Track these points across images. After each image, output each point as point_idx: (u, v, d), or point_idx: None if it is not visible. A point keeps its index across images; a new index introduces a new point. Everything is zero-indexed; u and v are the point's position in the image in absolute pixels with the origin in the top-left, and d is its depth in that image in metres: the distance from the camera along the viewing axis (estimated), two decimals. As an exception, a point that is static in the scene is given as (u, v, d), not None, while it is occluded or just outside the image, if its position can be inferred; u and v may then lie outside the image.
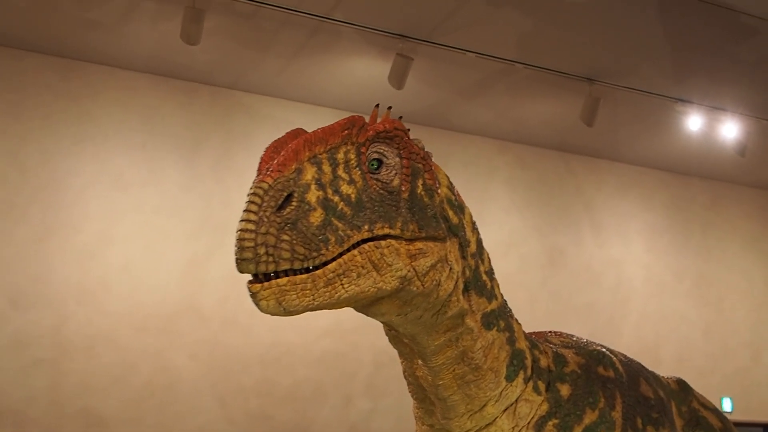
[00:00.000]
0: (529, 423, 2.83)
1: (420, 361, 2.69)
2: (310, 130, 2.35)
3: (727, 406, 10.78)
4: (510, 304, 9.61)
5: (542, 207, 10.45)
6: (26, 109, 8.09)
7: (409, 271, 2.31)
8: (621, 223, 10.94)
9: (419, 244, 2.36)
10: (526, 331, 3.46)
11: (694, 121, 9.22)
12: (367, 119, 2.39)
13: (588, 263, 10.55)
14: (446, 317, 2.55)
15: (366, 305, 2.42)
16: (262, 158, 2.26)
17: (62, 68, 8.30)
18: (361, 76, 8.67)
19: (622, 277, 10.74)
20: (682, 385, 3.64)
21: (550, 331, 3.40)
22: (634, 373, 3.25)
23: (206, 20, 7.32)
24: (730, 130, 9.38)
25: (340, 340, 8.57)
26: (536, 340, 3.13)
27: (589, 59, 8.37)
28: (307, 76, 8.67)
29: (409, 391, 2.86)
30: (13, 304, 7.65)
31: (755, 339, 11.41)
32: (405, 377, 2.83)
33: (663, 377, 3.61)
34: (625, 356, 3.40)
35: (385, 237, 2.29)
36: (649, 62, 8.40)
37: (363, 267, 2.23)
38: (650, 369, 9.99)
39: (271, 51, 8.22)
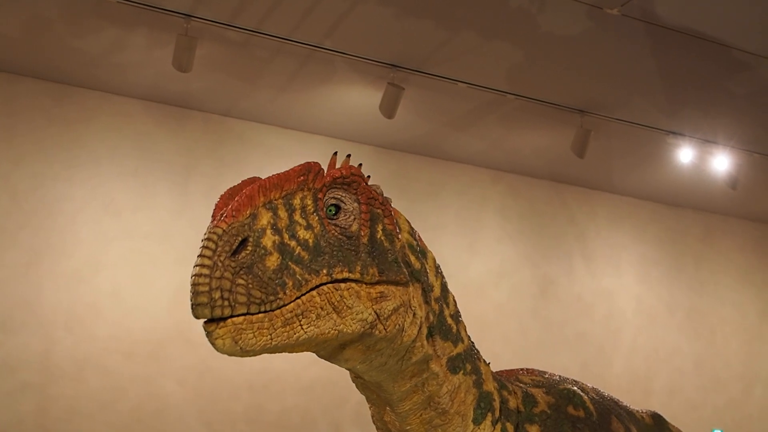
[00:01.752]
0: None
1: (388, 408, 2.69)
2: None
3: (718, 439, 10.75)
4: (501, 334, 9.66)
5: (534, 237, 10.46)
6: (19, 133, 8.11)
7: (370, 314, 2.29)
8: (613, 254, 10.94)
9: (380, 288, 2.34)
10: (506, 368, 3.45)
11: (685, 154, 9.23)
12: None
13: (579, 294, 10.54)
14: (411, 363, 2.55)
15: (330, 353, 2.39)
16: (216, 205, 2.25)
17: (56, 93, 8.33)
18: (352, 105, 8.70)
19: (614, 308, 10.72)
20: (656, 420, 3.62)
21: (521, 369, 3.39)
22: (605, 410, 3.23)
23: (199, 48, 7.35)
24: (722, 162, 9.39)
25: (329, 367, 8.49)
26: (506, 380, 3.11)
27: (581, 91, 8.40)
28: (299, 104, 8.70)
29: None
30: (2, 327, 7.64)
31: (747, 372, 11.38)
32: (374, 422, 2.81)
33: (638, 411, 3.59)
34: (597, 393, 3.39)
35: (344, 280, 2.26)
36: (640, 95, 8.43)
37: (322, 308, 2.20)
38: (640, 401, 9.96)
39: (264, 79, 8.25)
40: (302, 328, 2.16)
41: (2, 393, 7.50)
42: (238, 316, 2.07)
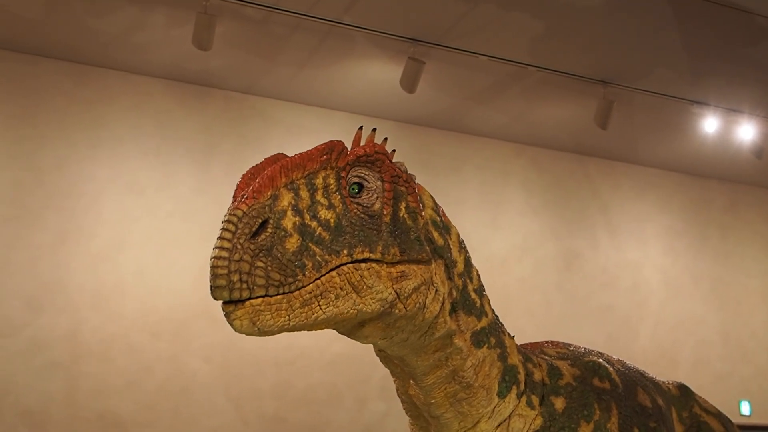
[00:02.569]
0: None
1: (412, 381, 2.69)
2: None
3: (745, 409, 10.70)
4: (525, 308, 9.65)
5: (558, 210, 10.42)
6: (41, 114, 8.15)
7: (390, 293, 2.27)
8: (638, 225, 10.89)
9: (401, 267, 2.32)
10: (531, 341, 3.45)
11: (710, 123, 9.18)
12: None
13: (604, 266, 10.51)
14: (434, 338, 2.54)
15: (349, 330, 2.38)
16: (238, 185, 2.24)
17: (77, 74, 8.36)
18: (372, 80, 8.68)
19: (639, 281, 10.68)
20: (683, 391, 3.61)
21: (546, 342, 3.38)
22: (631, 382, 3.22)
23: (218, 26, 7.36)
24: (747, 132, 9.33)
25: (353, 343, 8.50)
26: (531, 352, 3.10)
27: (603, 62, 8.34)
28: (319, 80, 8.70)
29: (404, 409, 2.85)
30: (29, 308, 7.71)
31: (774, 342, 11.34)
32: (398, 395, 2.81)
33: (664, 383, 3.58)
34: (623, 364, 3.38)
35: (365, 261, 2.24)
36: (663, 64, 8.36)
37: (342, 288, 2.19)
38: (666, 372, 9.94)
39: (283, 56, 8.24)
40: (321, 309, 2.15)
41: (31, 372, 7.58)
42: (257, 298, 2.07)
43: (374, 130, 2.45)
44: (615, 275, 10.54)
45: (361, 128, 2.47)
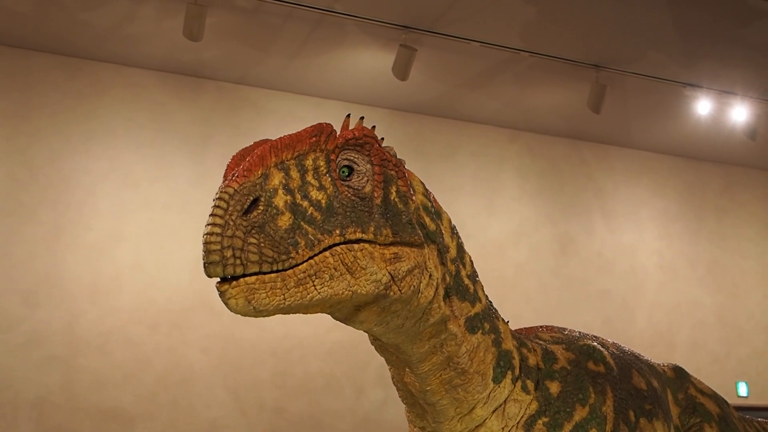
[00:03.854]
0: (518, 423, 2.82)
1: (407, 369, 2.69)
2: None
3: (742, 390, 10.75)
4: (522, 293, 9.67)
5: (553, 195, 10.44)
6: (34, 108, 8.15)
7: (384, 275, 2.28)
8: (633, 209, 10.91)
9: (394, 249, 2.33)
10: (526, 326, 3.46)
11: (703, 106, 9.18)
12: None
13: (600, 250, 10.54)
14: (428, 324, 2.54)
15: (345, 315, 2.38)
16: (228, 165, 2.24)
17: (69, 67, 8.35)
18: (365, 68, 8.68)
19: (635, 264, 10.71)
20: (678, 373, 3.62)
21: (541, 327, 3.38)
22: (626, 365, 3.23)
23: (209, 16, 7.35)
24: (741, 113, 9.34)
25: (350, 331, 8.54)
26: (525, 337, 3.10)
27: (595, 46, 8.34)
28: (312, 69, 8.69)
29: (400, 397, 2.85)
30: (27, 302, 7.72)
31: (770, 324, 11.39)
32: (394, 383, 2.81)
33: (659, 365, 3.59)
34: (617, 348, 3.38)
35: (358, 241, 2.24)
36: (655, 48, 8.37)
37: (335, 269, 2.18)
38: (663, 355, 9.96)
39: (275, 45, 8.24)
40: (316, 289, 2.15)
41: (30, 366, 7.60)
42: (251, 275, 2.06)
43: (362, 118, 2.44)
44: (611, 259, 10.56)
45: (348, 116, 2.46)
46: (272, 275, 2.09)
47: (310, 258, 2.15)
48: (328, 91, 9.14)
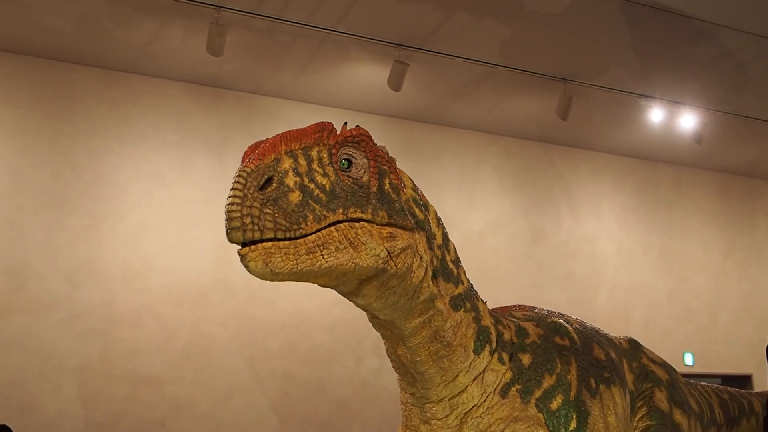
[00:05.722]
0: (495, 389, 2.85)
1: (400, 342, 2.72)
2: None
3: (689, 360, 10.80)
4: (499, 276, 9.65)
5: (526, 191, 10.45)
6: (75, 114, 8.14)
7: (382, 250, 2.30)
8: (595, 203, 10.93)
9: (389, 229, 2.36)
10: (502, 305, 3.48)
11: (656, 114, 9.19)
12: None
13: (566, 239, 10.56)
14: (419, 301, 2.57)
15: (350, 289, 2.42)
16: (245, 153, 2.27)
17: (105, 78, 8.33)
18: (364, 81, 8.68)
19: (597, 251, 10.74)
20: (632, 344, 3.65)
21: (514, 306, 3.41)
22: (588, 339, 3.26)
23: (229, 35, 7.35)
24: (689, 121, 9.35)
25: (351, 308, 8.57)
26: (500, 315, 3.14)
27: (563, 61, 8.35)
28: (318, 81, 8.69)
29: (393, 367, 2.89)
30: (69, 282, 7.73)
31: (713, 302, 11.41)
32: (388, 356, 2.85)
33: (616, 338, 3.62)
34: (581, 324, 3.41)
35: (358, 220, 2.28)
36: (616, 63, 8.38)
37: (340, 242, 2.21)
38: (621, 329, 9.97)
39: (286, 60, 8.23)
40: (323, 258, 2.16)
41: (71, 338, 7.61)
42: (267, 240, 2.08)
43: (357, 126, 2.47)
44: (576, 247, 10.59)
45: (345, 123, 2.49)
46: (286, 242, 2.11)
47: (318, 230, 2.17)
48: (331, 100, 9.13)
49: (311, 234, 2.15)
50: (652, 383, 3.49)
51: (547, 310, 3.39)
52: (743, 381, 10.90)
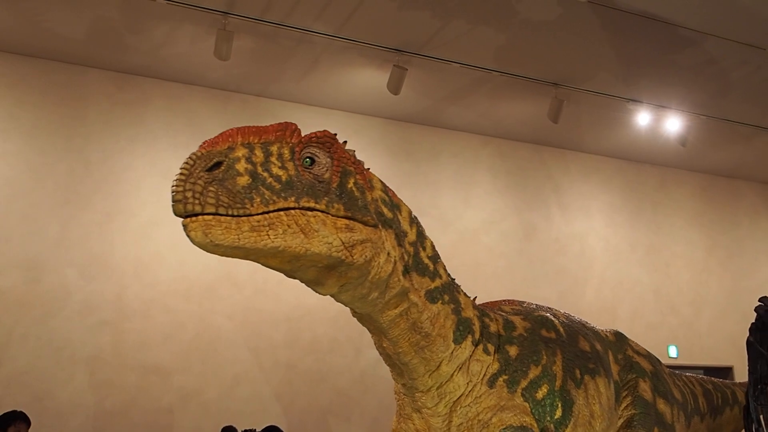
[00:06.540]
0: (482, 379, 2.87)
1: (383, 335, 2.75)
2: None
3: (673, 352, 10.81)
4: (493, 272, 9.61)
5: (518, 190, 10.45)
6: (89, 114, 8.14)
7: (335, 239, 2.27)
8: (584, 203, 10.93)
9: (346, 221, 2.33)
10: (495, 300, 3.49)
11: (643, 117, 9.22)
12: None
13: (557, 236, 10.57)
14: (391, 295, 2.59)
15: (309, 278, 2.40)
16: (200, 146, 2.24)
17: (118, 81, 8.34)
18: (364, 84, 8.68)
19: (585, 248, 10.74)
20: (618, 337, 3.66)
21: (504, 300, 3.43)
22: (574, 332, 3.28)
23: (235, 40, 7.35)
24: (674, 124, 9.38)
25: (351, 302, 8.59)
26: (490, 309, 3.15)
27: (554, 67, 8.36)
28: (320, 84, 8.69)
29: (383, 360, 2.92)
30: (82, 276, 7.73)
31: (697, 297, 11.42)
32: (376, 348, 2.88)
33: (602, 331, 3.63)
34: (568, 317, 3.42)
35: (311, 209, 2.25)
36: (604, 69, 8.39)
37: (289, 226, 2.18)
38: (608, 323, 9.96)
39: (290, 65, 8.24)
40: (269, 237, 2.14)
41: (84, 328, 7.61)
42: (208, 214, 2.07)
43: (345, 142, 2.49)
44: (565, 244, 10.59)
45: (335, 135, 2.50)
46: (227, 218, 2.09)
47: (265, 213, 2.15)
48: (333, 103, 9.13)
49: (257, 215, 2.14)
50: (637, 374, 3.50)
51: (536, 305, 3.40)
52: (725, 372, 10.90)
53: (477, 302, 3.17)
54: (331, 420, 8.50)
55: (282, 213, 2.19)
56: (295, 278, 2.44)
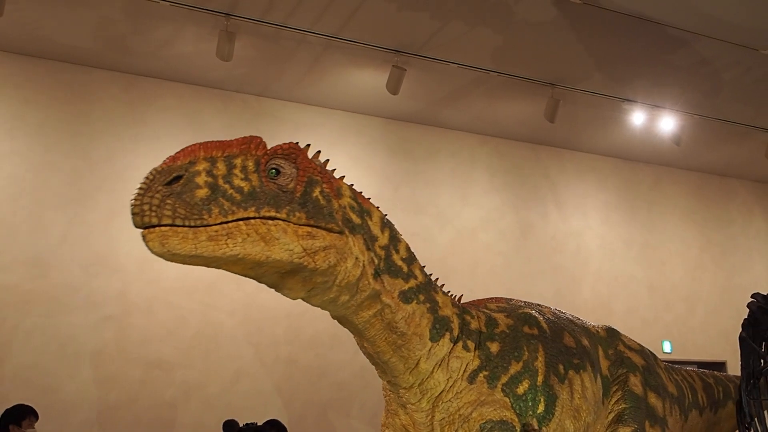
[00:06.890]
0: (462, 375, 2.88)
1: (361, 336, 2.78)
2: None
3: (667, 348, 10.80)
4: (490, 269, 9.64)
5: (516, 189, 10.45)
6: (93, 114, 8.14)
7: (297, 246, 2.29)
8: (580, 201, 10.93)
9: (308, 229, 2.35)
10: (496, 296, 3.49)
11: (638, 117, 9.22)
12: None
13: (553, 234, 10.56)
14: (363, 298, 2.61)
15: (273, 281, 2.43)
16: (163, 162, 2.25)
17: (122, 81, 8.34)
18: (364, 85, 8.68)
19: (581, 245, 10.74)
20: (610, 333, 3.65)
21: (491, 298, 3.43)
22: (559, 328, 3.27)
23: (237, 41, 7.35)
24: (668, 123, 9.37)
25: (350, 298, 8.58)
26: (472, 307, 3.16)
27: (551, 67, 8.36)
28: (320, 84, 8.69)
29: (368, 359, 2.96)
30: (87, 273, 7.74)
31: (690, 294, 11.42)
32: (360, 349, 2.92)
33: (593, 326, 3.62)
34: (555, 315, 3.42)
35: (272, 218, 2.27)
36: (600, 69, 8.38)
37: (248, 235, 2.20)
38: (603, 319, 9.96)
39: (291, 65, 8.24)
40: (228, 245, 2.16)
41: (89, 324, 7.62)
42: (165, 226, 2.09)
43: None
44: (562, 241, 10.59)
45: (308, 145, 2.52)
46: (184, 228, 2.11)
47: (224, 223, 2.17)
48: (333, 103, 9.13)
49: (215, 225, 2.15)
50: (627, 369, 3.49)
51: (524, 302, 3.41)
52: (718, 367, 10.89)
53: (470, 300, 3.17)
54: (332, 414, 8.51)
55: (241, 222, 2.20)
56: (262, 283, 2.45)
